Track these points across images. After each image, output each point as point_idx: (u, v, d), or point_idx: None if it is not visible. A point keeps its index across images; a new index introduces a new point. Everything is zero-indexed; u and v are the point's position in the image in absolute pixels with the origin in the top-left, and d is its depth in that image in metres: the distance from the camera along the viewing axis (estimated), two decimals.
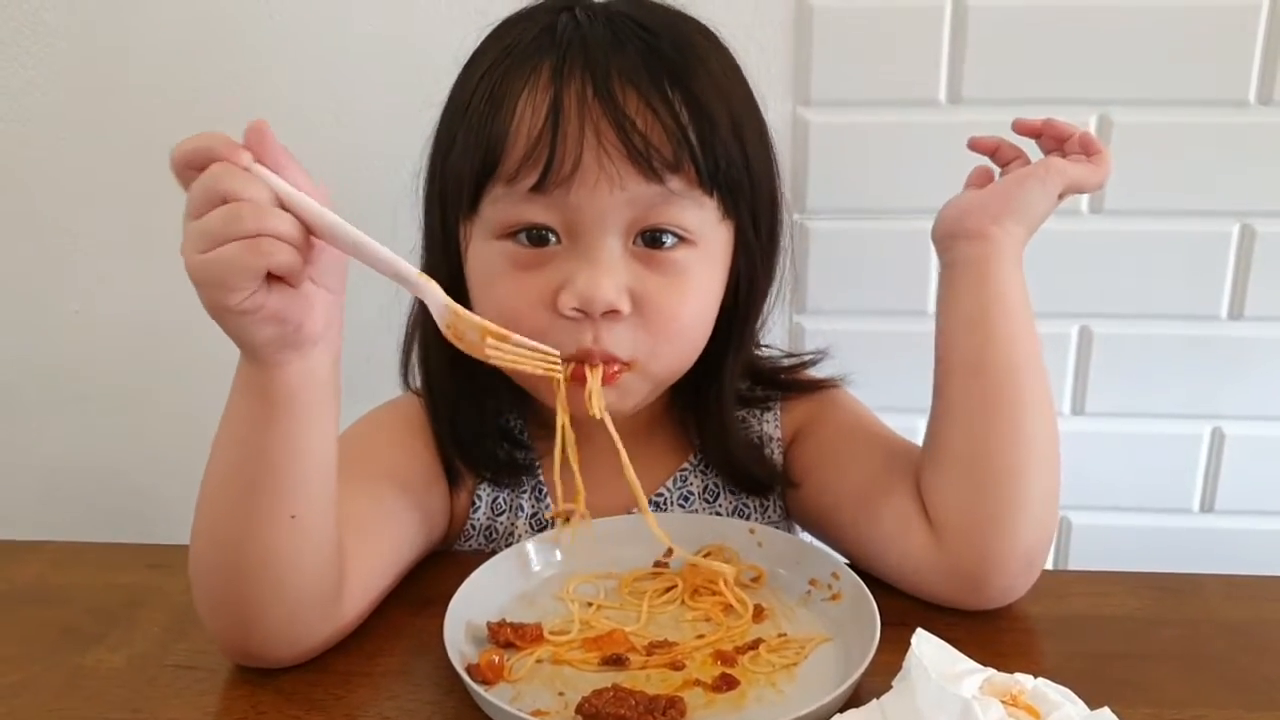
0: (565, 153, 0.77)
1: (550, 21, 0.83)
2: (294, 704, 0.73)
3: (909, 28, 1.17)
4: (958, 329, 0.85)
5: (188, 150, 0.65)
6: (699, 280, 0.85)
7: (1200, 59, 1.16)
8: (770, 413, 0.98)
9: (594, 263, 0.80)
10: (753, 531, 0.88)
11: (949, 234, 0.87)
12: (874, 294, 1.27)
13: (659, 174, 0.79)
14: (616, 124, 0.77)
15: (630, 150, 0.78)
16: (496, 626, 0.78)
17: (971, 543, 0.81)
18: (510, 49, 0.82)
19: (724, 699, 0.72)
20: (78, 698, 0.74)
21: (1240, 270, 1.23)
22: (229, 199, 0.63)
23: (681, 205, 0.81)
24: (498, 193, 0.81)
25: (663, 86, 0.79)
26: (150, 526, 1.42)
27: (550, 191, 0.78)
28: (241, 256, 0.63)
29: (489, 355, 0.72)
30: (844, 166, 1.21)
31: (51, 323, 1.36)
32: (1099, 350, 1.27)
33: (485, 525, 0.96)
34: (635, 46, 0.80)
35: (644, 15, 0.83)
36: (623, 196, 0.79)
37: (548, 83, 0.79)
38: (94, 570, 0.92)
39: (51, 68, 1.26)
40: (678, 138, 0.79)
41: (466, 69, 0.86)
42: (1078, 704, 0.64)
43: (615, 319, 0.81)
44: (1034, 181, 0.86)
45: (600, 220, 0.80)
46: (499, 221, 0.82)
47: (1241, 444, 1.30)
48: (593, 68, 0.78)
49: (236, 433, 0.71)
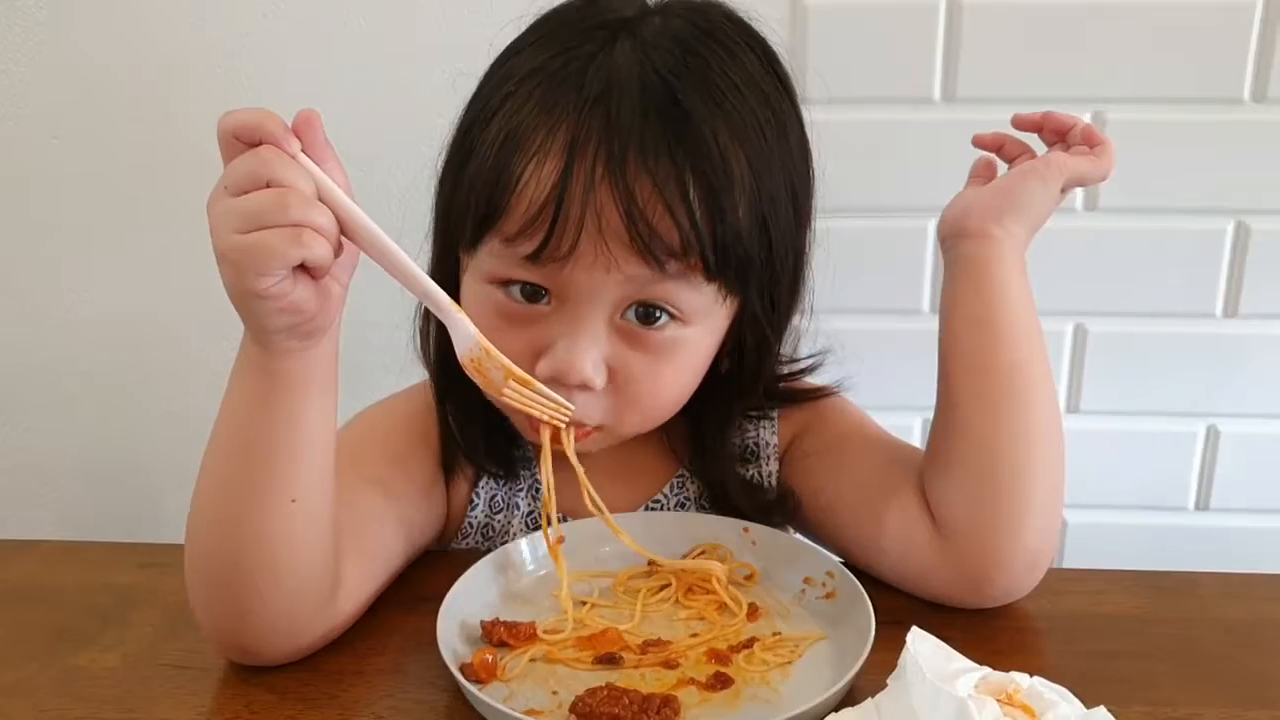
0: (564, 233, 0.74)
1: (591, 53, 0.77)
2: (287, 703, 0.73)
3: (904, 26, 1.17)
4: (961, 328, 0.84)
5: (239, 122, 0.64)
6: (684, 357, 0.83)
7: (1195, 57, 1.16)
8: (768, 420, 0.98)
9: (577, 335, 0.78)
10: (746, 530, 0.88)
11: (952, 233, 0.86)
12: (869, 292, 1.27)
13: (660, 261, 0.75)
14: (624, 212, 0.73)
15: (633, 238, 0.74)
16: (490, 625, 0.78)
17: (977, 542, 0.81)
18: (539, 75, 0.77)
19: (718, 697, 0.72)
20: (70, 698, 0.74)
21: (1235, 268, 1.24)
22: (274, 184, 0.63)
23: (678, 286, 0.78)
24: (495, 246, 0.78)
25: (683, 177, 0.74)
26: (143, 526, 1.42)
27: (544, 264, 0.76)
28: (281, 244, 0.62)
29: (505, 394, 0.74)
30: (839, 165, 1.21)
31: (44, 322, 1.36)
32: (1094, 348, 1.27)
33: (483, 523, 0.96)
34: (666, 123, 0.74)
35: (678, 63, 0.76)
36: (618, 276, 0.76)
37: (560, 149, 0.74)
38: (87, 570, 0.91)
39: (43, 66, 1.26)
40: (688, 232, 0.75)
41: (496, 69, 0.83)
42: (1073, 703, 0.64)
43: (588, 390, 0.80)
44: (1035, 178, 0.85)
45: (591, 294, 0.78)
46: (492, 272, 0.80)
47: (1237, 442, 1.31)
48: (611, 143, 0.73)
49: (237, 416, 0.71)
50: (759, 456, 0.97)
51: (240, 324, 0.69)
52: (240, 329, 0.70)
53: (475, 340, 0.72)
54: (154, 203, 1.29)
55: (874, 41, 1.18)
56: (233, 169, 0.64)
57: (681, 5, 0.82)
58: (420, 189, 0.86)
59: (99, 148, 1.28)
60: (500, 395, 0.74)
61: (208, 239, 0.62)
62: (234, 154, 0.64)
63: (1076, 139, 0.87)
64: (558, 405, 0.76)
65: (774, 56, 0.83)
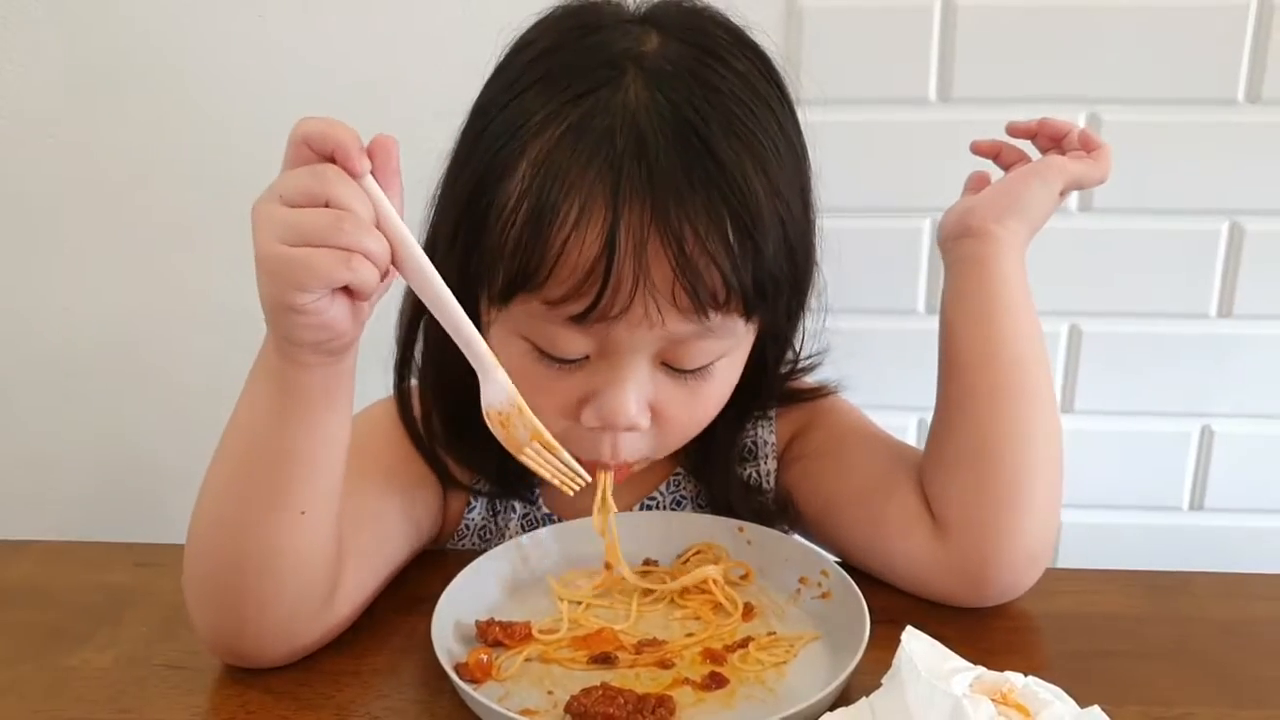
0: (616, 295, 0.72)
1: (603, 85, 0.74)
2: (282, 704, 0.73)
3: (899, 27, 1.18)
4: (961, 325, 0.85)
5: (313, 131, 0.63)
6: (720, 384, 0.84)
7: (1189, 58, 1.17)
8: (766, 419, 0.98)
9: (621, 382, 0.78)
10: (742, 530, 0.88)
11: (953, 234, 0.86)
12: (865, 292, 1.27)
13: (706, 313, 0.75)
14: (674, 267, 0.72)
15: (681, 290, 0.73)
16: (485, 625, 0.78)
17: (976, 539, 0.81)
18: (559, 121, 0.74)
19: (713, 697, 0.72)
20: (65, 698, 0.74)
21: (1229, 268, 1.24)
22: (333, 204, 0.62)
23: (717, 337, 0.78)
24: (533, 306, 0.75)
25: (723, 223, 0.73)
26: (138, 526, 1.41)
27: (592, 325, 0.75)
28: (330, 265, 0.62)
29: (525, 453, 0.73)
30: (834, 164, 1.21)
31: (40, 321, 1.36)
32: (1088, 348, 1.28)
33: (480, 525, 0.96)
34: (695, 162, 0.72)
35: (698, 101, 0.74)
36: (662, 331, 0.76)
37: (603, 210, 0.71)
38: (81, 570, 0.91)
39: (39, 66, 1.26)
40: (731, 280, 0.74)
41: (500, 95, 0.79)
42: (1068, 702, 0.64)
43: (634, 431, 0.81)
44: (1035, 179, 0.86)
45: (634, 347, 0.77)
46: (532, 332, 0.78)
47: (1231, 441, 1.31)
48: (654, 195, 0.71)
49: (253, 426, 0.70)
50: (757, 455, 0.97)
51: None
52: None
53: (510, 398, 0.71)
54: (152, 201, 1.29)
55: (869, 42, 1.18)
56: (292, 179, 0.63)
57: (674, 19, 0.80)
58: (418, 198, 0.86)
59: (97, 145, 1.28)
60: (520, 453, 0.73)
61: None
62: (300, 159, 0.63)
63: (1073, 144, 0.88)
64: (575, 475, 0.75)
65: (771, 65, 0.82)
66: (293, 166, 0.63)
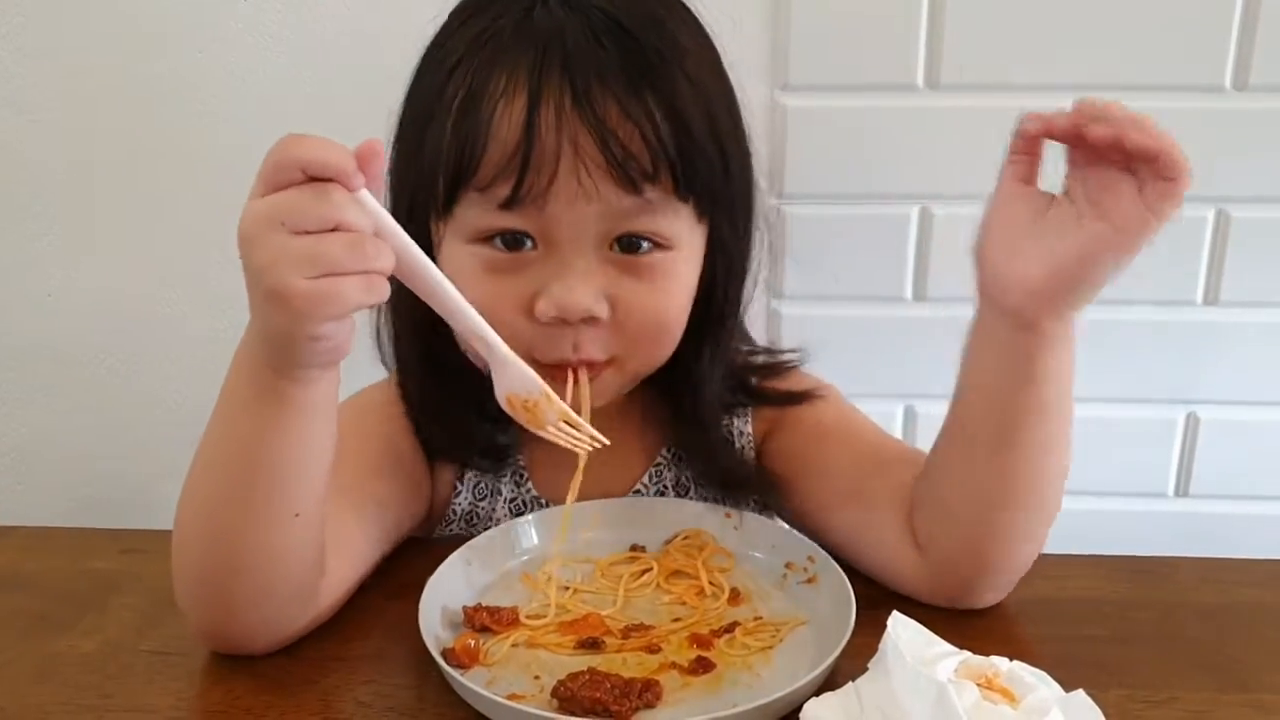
0: (541, 167, 0.75)
1: (526, 8, 0.79)
2: (268, 690, 0.73)
3: (886, 12, 1.17)
4: (983, 401, 0.77)
5: (311, 158, 0.60)
6: (675, 281, 0.84)
7: (1177, 45, 1.17)
8: (741, 410, 0.97)
9: (570, 271, 0.79)
10: (729, 516, 0.88)
11: (995, 299, 0.74)
12: (852, 279, 1.27)
13: (637, 185, 0.77)
14: (597, 137, 0.75)
15: (609, 163, 0.76)
16: (472, 611, 0.78)
17: (959, 573, 0.81)
18: (483, 38, 0.79)
19: (700, 682, 0.72)
20: (50, 685, 0.74)
21: (1216, 256, 1.24)
22: (343, 228, 0.61)
23: (657, 213, 0.79)
24: (471, 198, 0.78)
25: (643, 95, 0.76)
26: (122, 511, 1.42)
27: (525, 204, 0.77)
28: (356, 293, 0.61)
29: (548, 430, 0.76)
30: (822, 151, 1.21)
31: (24, 306, 1.35)
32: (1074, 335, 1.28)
33: (467, 510, 0.96)
34: (616, 48, 0.77)
35: (615, 7, 0.79)
36: (599, 208, 0.77)
37: (524, 87, 0.75)
38: (66, 556, 0.91)
39: (24, 53, 1.25)
40: (656, 149, 0.77)
41: (432, 54, 0.83)
42: (1053, 686, 0.64)
43: (593, 324, 0.81)
44: (1109, 259, 0.69)
45: (575, 230, 0.78)
46: (473, 227, 0.80)
47: (1216, 428, 1.31)
48: (573, 73, 0.75)
49: (243, 434, 0.69)
50: (733, 447, 0.97)
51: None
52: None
53: (537, 386, 0.73)
54: (137, 188, 1.29)
55: (857, 28, 1.18)
56: (294, 206, 0.60)
57: None
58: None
59: (81, 132, 1.27)
60: (542, 430, 0.75)
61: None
62: (284, 178, 0.61)
63: (1163, 170, 0.67)
64: (594, 438, 0.77)
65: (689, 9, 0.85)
66: (278, 188, 0.61)
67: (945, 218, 1.22)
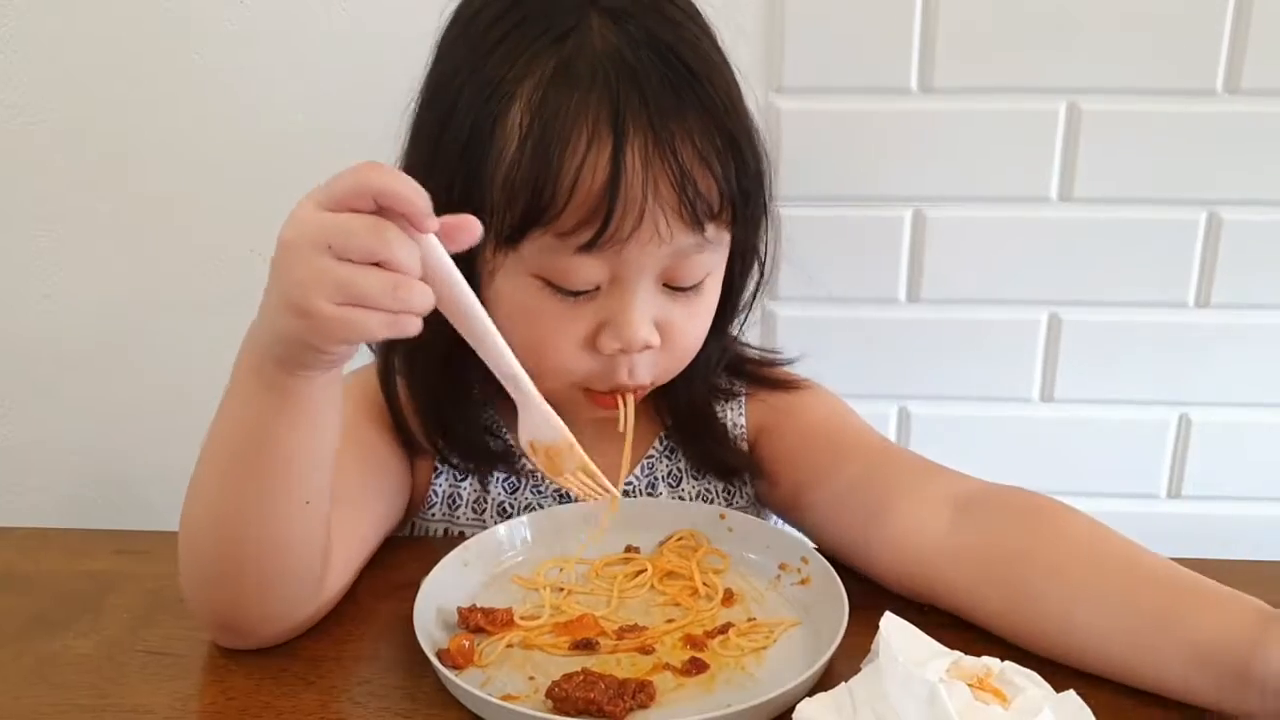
0: (626, 214, 0.76)
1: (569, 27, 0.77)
2: (264, 689, 0.73)
3: (880, 15, 1.18)
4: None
5: (388, 190, 0.60)
6: (710, 299, 0.87)
7: (1168, 48, 1.17)
8: (735, 399, 0.98)
9: (632, 307, 0.81)
10: (723, 517, 0.89)
11: None
12: (846, 281, 1.27)
13: (702, 225, 0.79)
14: (677, 182, 0.77)
15: (682, 204, 0.77)
16: (467, 611, 0.78)
17: None
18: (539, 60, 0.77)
19: (693, 682, 0.73)
20: (46, 685, 0.74)
21: (1207, 258, 1.24)
22: (388, 266, 0.61)
23: (711, 248, 0.82)
24: (545, 241, 0.78)
25: (713, 137, 0.78)
26: (118, 512, 1.42)
27: (604, 249, 0.77)
28: (377, 326, 0.62)
29: (565, 478, 0.77)
30: (816, 154, 1.21)
31: (20, 308, 1.35)
32: (1068, 337, 1.28)
33: (448, 492, 0.96)
34: (683, 84, 0.77)
35: (662, 30, 0.79)
36: (668, 248, 0.79)
37: (608, 129, 0.75)
38: (62, 556, 0.91)
39: (21, 57, 1.25)
40: (723, 187, 0.79)
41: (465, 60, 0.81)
42: (1043, 687, 0.65)
43: (645, 351, 0.83)
44: None
45: (641, 268, 0.80)
46: (545, 267, 0.80)
47: (1208, 430, 1.32)
48: (650, 112, 0.76)
49: (250, 426, 0.70)
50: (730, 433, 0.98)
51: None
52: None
53: (563, 437, 0.74)
54: (137, 188, 1.29)
55: (851, 31, 1.18)
56: (346, 231, 0.61)
57: None
58: None
59: (77, 134, 1.27)
60: (559, 477, 0.77)
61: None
62: (354, 202, 0.61)
63: None
64: (607, 490, 0.78)
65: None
66: (343, 208, 0.61)
67: (939, 220, 1.22)
